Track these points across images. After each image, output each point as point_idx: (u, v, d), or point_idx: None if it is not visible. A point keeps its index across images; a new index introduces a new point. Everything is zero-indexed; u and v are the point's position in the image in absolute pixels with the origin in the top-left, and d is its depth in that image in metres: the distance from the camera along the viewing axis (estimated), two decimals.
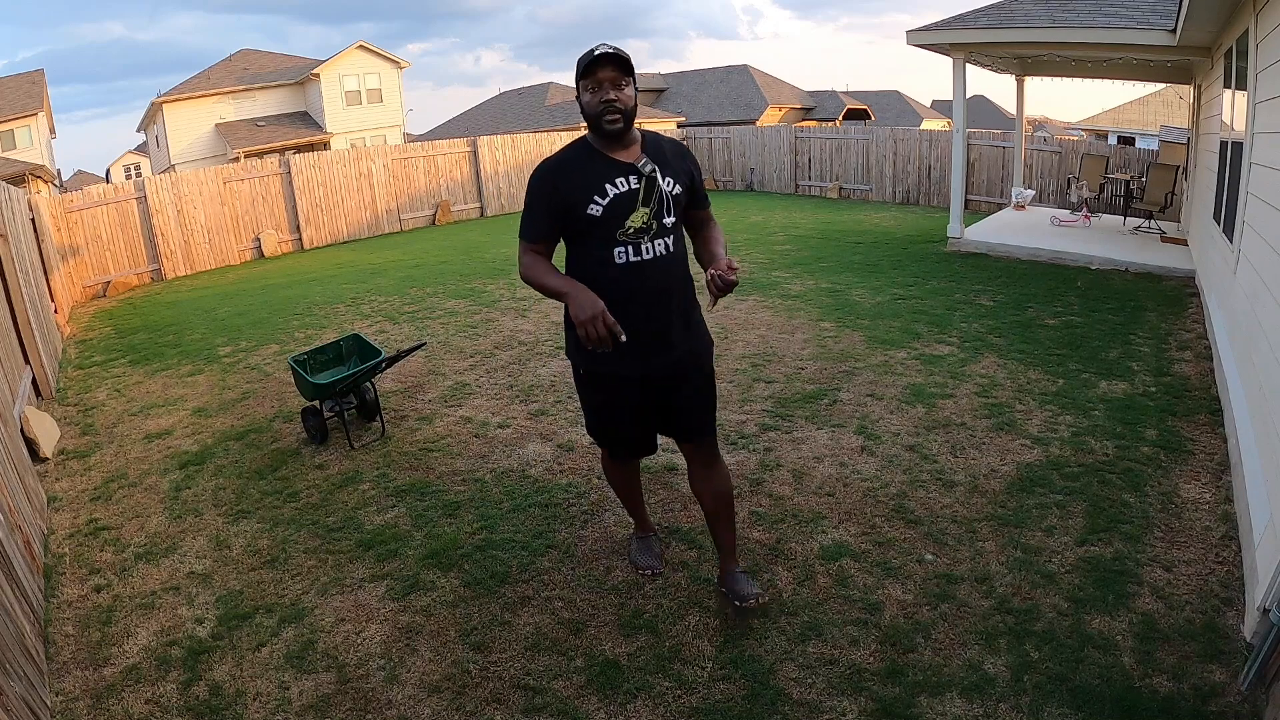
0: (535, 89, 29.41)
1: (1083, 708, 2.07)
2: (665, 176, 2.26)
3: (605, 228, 2.21)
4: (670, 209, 2.28)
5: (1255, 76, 4.27)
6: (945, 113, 30.38)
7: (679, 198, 2.30)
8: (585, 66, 2.13)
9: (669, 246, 2.29)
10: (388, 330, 6.57)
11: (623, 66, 2.14)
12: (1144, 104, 22.95)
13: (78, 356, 6.68)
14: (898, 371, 4.79)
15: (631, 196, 2.21)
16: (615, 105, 2.14)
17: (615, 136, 2.19)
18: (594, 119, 2.18)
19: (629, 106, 2.18)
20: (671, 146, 2.38)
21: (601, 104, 2.14)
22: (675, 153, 2.37)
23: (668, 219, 2.27)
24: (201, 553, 3.20)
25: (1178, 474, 3.36)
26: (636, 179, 2.22)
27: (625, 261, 2.23)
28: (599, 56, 2.11)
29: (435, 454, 3.99)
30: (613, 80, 2.13)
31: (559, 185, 2.25)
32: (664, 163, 2.28)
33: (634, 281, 2.24)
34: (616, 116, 2.16)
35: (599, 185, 2.21)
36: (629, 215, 2.21)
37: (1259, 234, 3.77)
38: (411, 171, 13.91)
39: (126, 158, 41.56)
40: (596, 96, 2.14)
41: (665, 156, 2.30)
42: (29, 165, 16.75)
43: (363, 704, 2.27)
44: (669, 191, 2.26)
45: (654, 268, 2.27)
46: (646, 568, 2.80)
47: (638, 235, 2.23)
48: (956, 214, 8.81)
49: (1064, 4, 7.42)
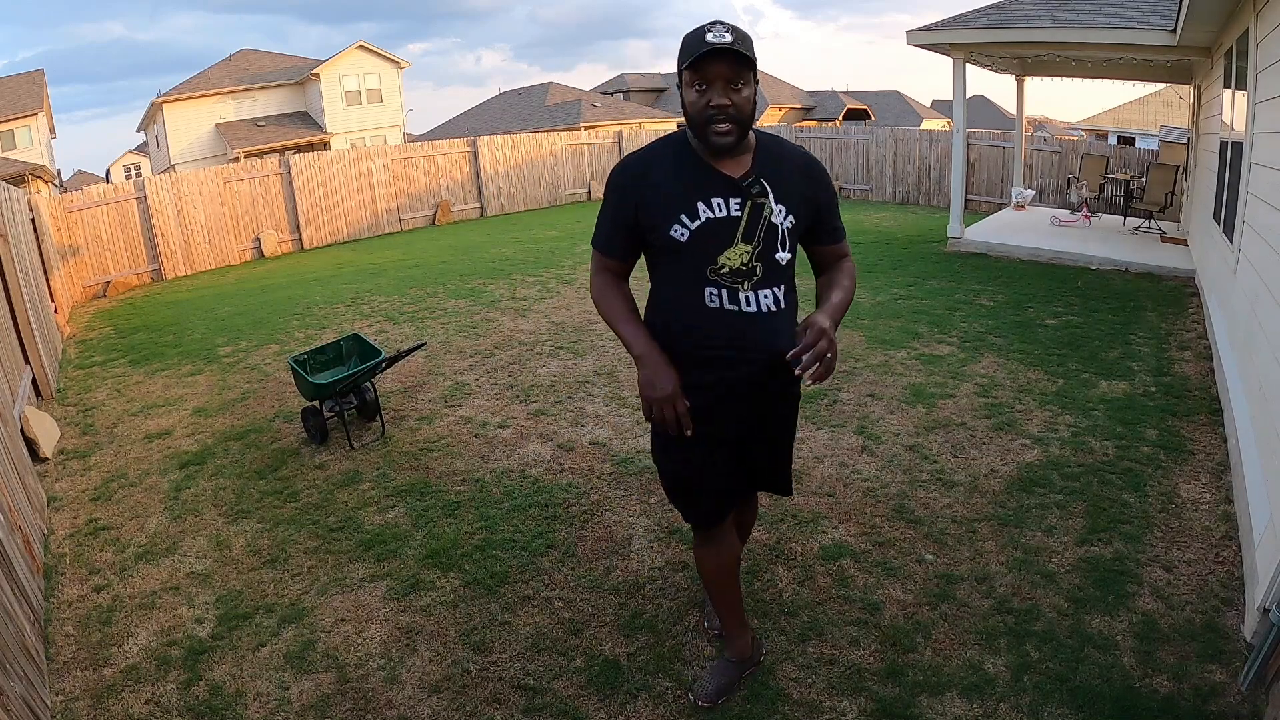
0: (535, 89, 29.43)
1: (1083, 708, 2.07)
2: (778, 203, 1.72)
3: (693, 258, 1.72)
4: (782, 244, 1.74)
5: (1255, 76, 4.27)
6: (945, 113, 30.39)
7: (793, 231, 1.76)
8: (695, 58, 1.60)
9: (779, 300, 1.76)
10: (388, 330, 6.57)
11: (743, 61, 1.61)
12: (1144, 104, 22.95)
13: (78, 356, 6.68)
14: (898, 371, 4.79)
15: (729, 225, 1.70)
16: (727, 112, 1.63)
17: (726, 152, 1.70)
18: (699, 126, 1.67)
19: (746, 114, 1.66)
20: (796, 160, 1.81)
21: (711, 108, 1.63)
22: (798, 169, 1.79)
23: (780, 255, 1.74)
24: (201, 553, 3.20)
25: (1178, 474, 3.36)
26: (740, 203, 1.70)
27: (719, 307, 1.74)
28: (713, 49, 1.59)
29: (435, 454, 3.99)
30: (728, 79, 1.62)
31: (637, 192, 1.76)
32: (779, 181, 1.74)
33: (723, 338, 1.75)
34: (728, 128, 1.65)
35: (689, 202, 1.70)
36: (724, 250, 1.71)
37: (1259, 234, 3.77)
38: (411, 171, 13.91)
39: (126, 158, 41.56)
40: (704, 98, 1.64)
41: (783, 172, 1.76)
42: (29, 165, 16.76)
43: (363, 704, 2.27)
44: (780, 223, 1.73)
45: (755, 329, 1.75)
46: (699, 693, 2.17)
47: (734, 279, 1.72)
48: (956, 214, 8.81)
49: (1064, 4, 7.42)
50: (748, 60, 1.61)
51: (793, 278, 1.81)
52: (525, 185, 15.46)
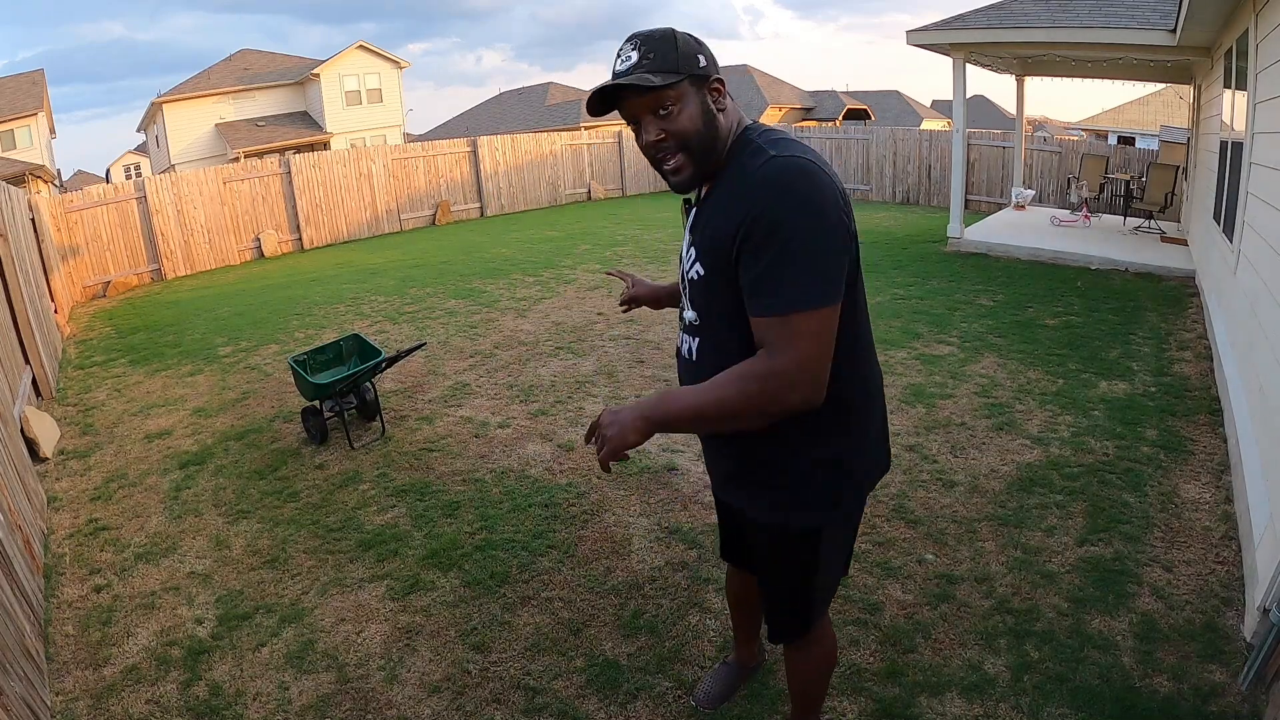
0: (535, 89, 29.42)
1: (1083, 708, 2.07)
2: (692, 245, 1.42)
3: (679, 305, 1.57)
4: (690, 300, 1.45)
5: (1255, 76, 4.27)
6: (945, 113, 30.38)
7: (698, 285, 1.40)
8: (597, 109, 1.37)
9: (690, 351, 1.49)
10: (388, 330, 6.57)
11: (652, 91, 1.28)
12: (1144, 104, 22.94)
13: (78, 356, 6.68)
14: (898, 371, 4.79)
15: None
16: (664, 146, 1.32)
17: (687, 190, 1.38)
18: (656, 168, 1.39)
19: (694, 136, 1.31)
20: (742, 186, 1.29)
21: (648, 148, 1.35)
22: (737, 196, 1.29)
23: (687, 313, 1.47)
24: (201, 553, 3.20)
25: (1178, 474, 3.36)
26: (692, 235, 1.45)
27: (676, 353, 1.59)
28: (604, 95, 1.31)
29: (435, 454, 3.98)
30: (652, 109, 1.30)
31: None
32: (709, 218, 1.36)
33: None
34: (677, 162, 1.33)
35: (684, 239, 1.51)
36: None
37: (1259, 234, 3.77)
38: (411, 171, 13.91)
39: (126, 158, 41.56)
40: (641, 139, 1.36)
41: (720, 204, 1.34)
42: (29, 165, 16.76)
43: (363, 704, 2.27)
44: (686, 270, 1.45)
45: (681, 373, 1.58)
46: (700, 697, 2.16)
47: (686, 325, 1.51)
48: (956, 214, 8.81)
49: (1064, 4, 7.42)
50: (662, 90, 1.26)
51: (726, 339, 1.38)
52: (525, 185, 15.46)
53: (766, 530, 1.55)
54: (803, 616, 1.64)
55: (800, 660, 1.76)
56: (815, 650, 1.73)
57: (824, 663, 1.78)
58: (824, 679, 1.83)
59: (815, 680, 1.81)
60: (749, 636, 2.20)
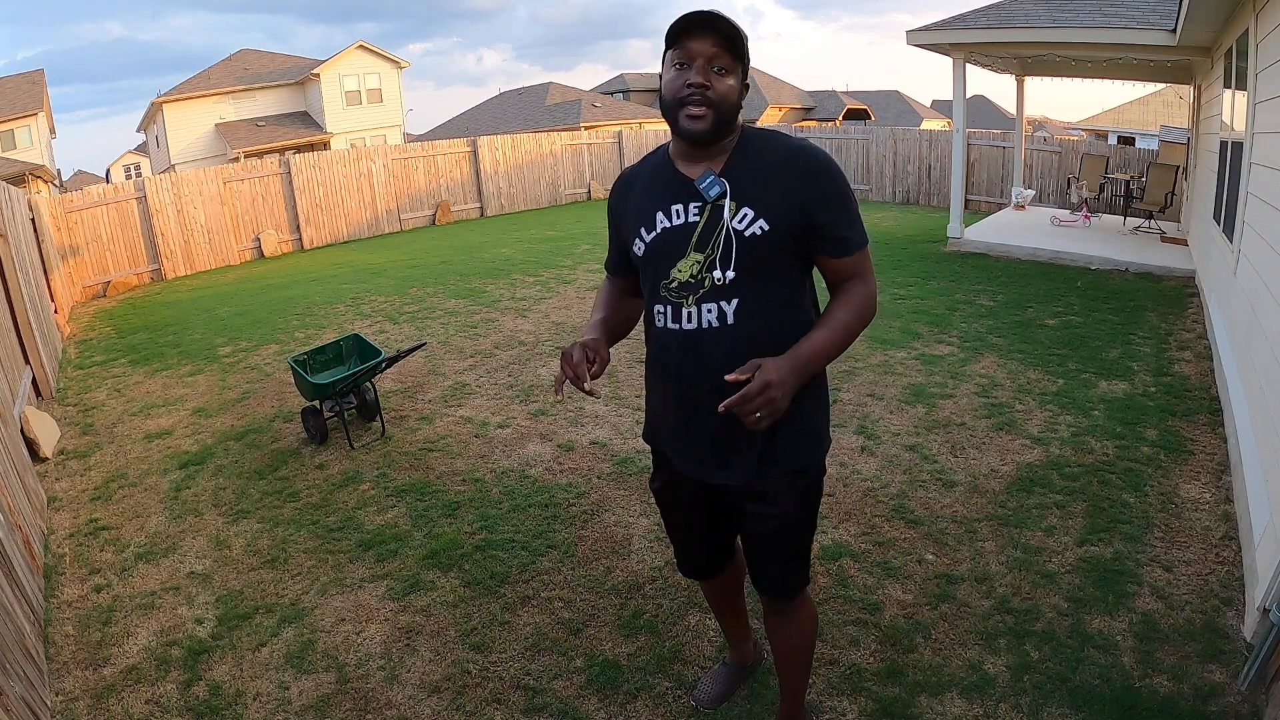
0: (536, 89, 29.42)
1: (1083, 708, 2.07)
2: (742, 206, 1.47)
3: (651, 273, 1.56)
4: (734, 259, 1.46)
5: (1255, 76, 4.27)
6: (945, 113, 30.39)
7: (755, 241, 1.46)
8: (675, 31, 1.41)
9: (723, 315, 1.49)
10: (388, 330, 6.57)
11: (729, 43, 1.41)
12: (1144, 104, 22.94)
13: (78, 356, 6.68)
14: (898, 371, 4.79)
15: (685, 233, 1.50)
16: (703, 93, 1.41)
17: (695, 140, 1.46)
18: (671, 110, 1.45)
19: (726, 103, 1.43)
20: (781, 151, 1.50)
21: (687, 87, 1.41)
22: (781, 161, 1.48)
23: (725, 274, 1.47)
24: (201, 553, 3.20)
25: (1178, 474, 3.36)
26: (700, 206, 1.49)
27: (662, 326, 1.57)
28: (695, 19, 1.39)
29: (435, 454, 3.99)
30: (710, 57, 1.41)
31: (620, 208, 1.66)
32: (753, 182, 1.47)
33: (663, 359, 1.60)
34: (701, 110, 1.42)
35: (650, 214, 1.54)
36: (677, 260, 1.51)
37: (1259, 234, 3.77)
38: (411, 171, 13.91)
39: (126, 158, 41.55)
40: (681, 77, 1.42)
41: (761, 172, 1.48)
42: (29, 165, 16.78)
43: (363, 704, 2.27)
44: (738, 229, 1.46)
45: (686, 347, 1.53)
46: (700, 697, 2.17)
47: (680, 293, 1.51)
48: (956, 214, 8.81)
49: (1064, 4, 7.42)
50: (735, 46, 1.41)
51: (759, 302, 1.49)
52: (525, 185, 15.46)
53: (788, 479, 1.60)
54: (808, 560, 1.79)
55: (793, 620, 1.82)
56: (806, 605, 1.84)
57: (813, 620, 1.89)
58: (814, 638, 1.92)
59: (807, 639, 1.88)
60: (743, 636, 2.22)
